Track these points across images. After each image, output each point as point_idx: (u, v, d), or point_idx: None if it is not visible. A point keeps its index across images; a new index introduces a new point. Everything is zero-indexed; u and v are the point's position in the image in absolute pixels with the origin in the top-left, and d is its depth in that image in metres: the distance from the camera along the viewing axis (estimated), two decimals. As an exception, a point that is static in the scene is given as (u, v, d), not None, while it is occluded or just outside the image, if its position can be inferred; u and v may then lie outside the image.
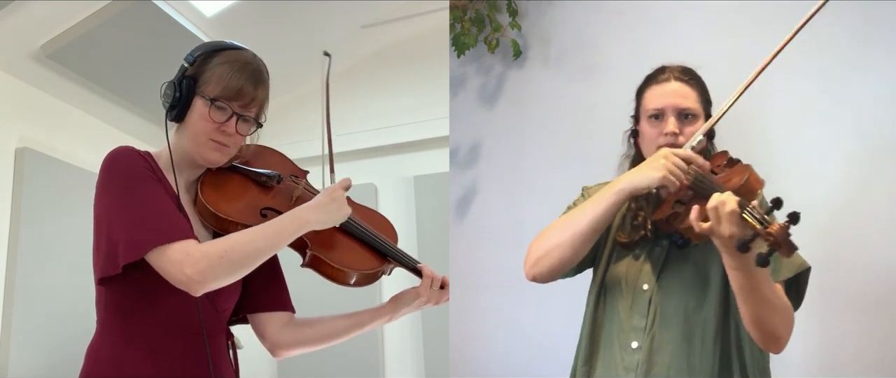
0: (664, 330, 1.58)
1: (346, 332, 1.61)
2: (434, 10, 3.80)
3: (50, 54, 3.32)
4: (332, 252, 1.51)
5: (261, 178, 1.53)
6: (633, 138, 1.75)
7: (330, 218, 1.47)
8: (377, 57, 4.27)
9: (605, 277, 1.69)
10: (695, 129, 1.62)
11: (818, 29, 1.61)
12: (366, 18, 3.99)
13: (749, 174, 1.45)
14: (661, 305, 1.60)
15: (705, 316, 1.57)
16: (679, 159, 1.51)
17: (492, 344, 2.89)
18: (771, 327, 1.47)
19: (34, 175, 3.33)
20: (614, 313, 1.65)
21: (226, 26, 3.60)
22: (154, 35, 3.33)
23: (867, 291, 2.24)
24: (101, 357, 1.41)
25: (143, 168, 1.40)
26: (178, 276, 1.31)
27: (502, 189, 2.96)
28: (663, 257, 1.63)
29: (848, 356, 2.25)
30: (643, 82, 1.73)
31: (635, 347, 1.59)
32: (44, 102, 3.52)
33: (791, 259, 1.52)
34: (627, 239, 1.66)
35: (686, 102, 1.64)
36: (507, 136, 2.96)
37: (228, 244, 1.35)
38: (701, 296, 1.58)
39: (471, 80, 3.06)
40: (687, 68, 1.70)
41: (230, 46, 1.49)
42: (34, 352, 3.18)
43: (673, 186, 1.50)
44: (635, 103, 1.73)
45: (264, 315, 1.59)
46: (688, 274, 1.60)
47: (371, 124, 4.17)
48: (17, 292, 3.17)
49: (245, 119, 1.46)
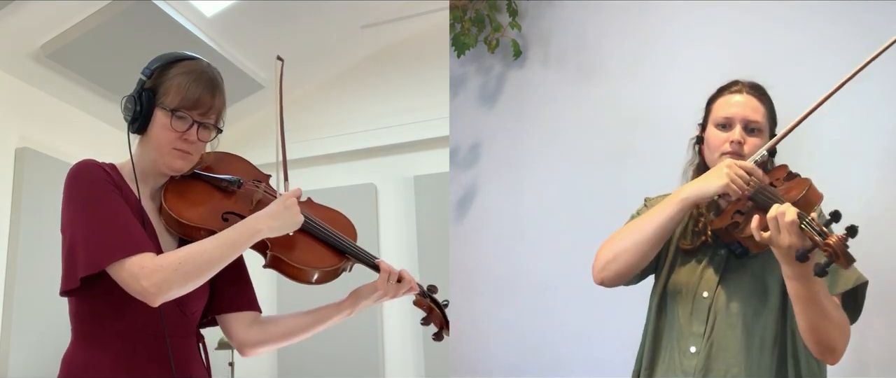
0: (723, 336, 1.62)
1: (308, 327, 1.64)
2: (434, 10, 3.80)
3: (50, 54, 3.32)
4: (291, 252, 1.55)
5: (222, 184, 1.58)
6: (697, 146, 1.79)
7: (282, 225, 1.51)
8: (377, 57, 4.27)
9: (667, 284, 1.73)
10: (759, 143, 1.66)
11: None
12: (366, 18, 3.99)
13: (808, 188, 1.50)
14: (721, 312, 1.64)
15: (764, 324, 1.60)
16: (742, 170, 1.55)
17: (492, 344, 2.89)
18: (827, 338, 1.50)
19: (34, 175, 3.33)
20: (675, 319, 1.69)
21: (226, 26, 3.60)
22: (154, 35, 3.33)
23: None
24: (73, 364, 1.46)
25: (104, 181, 1.45)
26: (135, 288, 1.36)
27: (502, 189, 2.96)
28: (723, 266, 1.67)
29: (873, 357, 2.25)
30: (715, 92, 1.77)
31: (693, 352, 1.64)
32: (44, 102, 3.53)
33: (848, 272, 1.57)
34: (689, 245, 1.71)
35: (754, 115, 1.68)
36: (507, 136, 2.96)
37: (182, 256, 1.40)
38: (759, 304, 1.62)
39: (471, 80, 3.06)
40: (758, 85, 1.75)
41: (185, 57, 1.54)
42: (34, 352, 3.18)
43: (735, 195, 1.55)
44: (704, 112, 1.78)
45: (231, 315, 1.63)
46: (747, 283, 1.64)
47: (371, 124, 4.18)
48: (17, 292, 3.18)
49: (205, 126, 1.52)
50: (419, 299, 1.71)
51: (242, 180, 1.60)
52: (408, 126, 4.07)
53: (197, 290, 1.48)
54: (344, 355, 3.96)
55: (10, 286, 3.19)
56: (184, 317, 1.52)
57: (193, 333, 1.57)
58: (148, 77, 1.51)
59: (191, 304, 1.53)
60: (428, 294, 1.73)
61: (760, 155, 1.62)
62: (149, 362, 1.45)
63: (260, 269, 1.60)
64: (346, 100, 4.32)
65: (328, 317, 1.65)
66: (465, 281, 2.97)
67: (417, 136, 4.03)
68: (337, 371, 3.95)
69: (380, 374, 3.96)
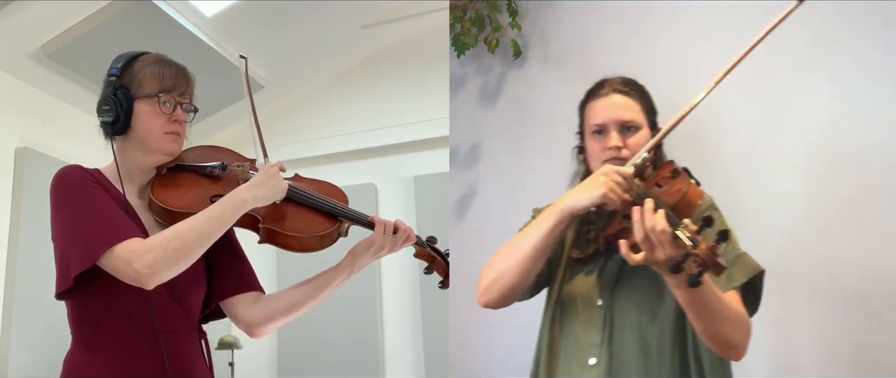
0: (620, 344, 1.56)
1: (311, 296, 1.62)
2: (434, 10, 3.80)
3: (50, 54, 3.32)
4: (283, 222, 1.56)
5: (206, 170, 1.60)
6: (581, 155, 1.72)
7: (267, 193, 1.51)
8: (377, 57, 4.27)
9: (560, 295, 1.67)
10: (638, 141, 1.61)
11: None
12: (366, 18, 3.99)
13: (688, 188, 1.44)
14: (616, 320, 1.58)
15: (660, 326, 1.55)
16: (619, 176, 1.49)
17: (492, 344, 2.88)
18: (725, 337, 1.45)
19: (34, 175, 3.33)
20: (571, 331, 1.63)
21: (226, 26, 3.60)
22: (154, 35, 3.33)
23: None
24: (73, 365, 1.47)
25: (87, 181, 1.47)
26: (128, 272, 1.36)
27: (502, 189, 2.96)
28: (617, 271, 1.61)
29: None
30: (584, 97, 1.71)
31: (593, 364, 1.57)
32: (44, 102, 3.53)
33: (745, 263, 1.53)
34: (581, 254, 1.65)
35: (627, 114, 1.62)
36: (507, 136, 2.96)
37: (171, 233, 1.40)
38: (655, 306, 1.56)
39: (471, 80, 3.06)
40: (628, 79, 1.68)
41: (143, 52, 1.58)
42: (34, 352, 3.18)
43: (614, 204, 1.48)
44: (578, 119, 1.71)
45: (233, 298, 1.62)
46: (641, 286, 1.58)
47: (371, 124, 4.18)
48: (17, 292, 3.18)
49: (185, 107, 1.56)
50: (420, 250, 1.71)
51: (227, 163, 1.61)
52: (408, 126, 4.07)
53: (192, 280, 1.49)
54: (344, 354, 3.97)
55: (9, 286, 3.19)
56: (183, 311, 1.51)
57: (194, 328, 1.56)
58: (117, 76, 1.53)
59: (188, 296, 1.52)
60: (428, 244, 1.72)
61: (641, 157, 1.55)
62: (150, 362, 1.45)
63: (257, 249, 1.61)
64: (346, 100, 4.32)
65: (329, 281, 1.62)
66: (465, 281, 2.96)
67: (417, 136, 4.03)
68: (337, 370, 3.95)
69: (380, 374, 3.96)
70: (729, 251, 1.54)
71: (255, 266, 1.68)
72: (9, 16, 3.09)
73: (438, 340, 3.64)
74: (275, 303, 1.63)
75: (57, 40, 3.30)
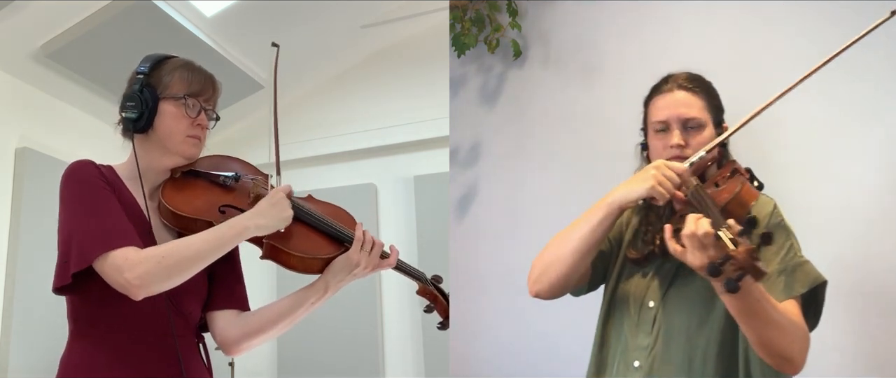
0: (665, 349, 1.53)
1: (287, 313, 1.59)
2: (434, 10, 3.80)
3: (50, 54, 3.32)
4: (289, 241, 1.55)
5: (219, 180, 1.59)
6: (644, 152, 1.68)
7: (270, 223, 1.50)
8: (377, 57, 4.27)
9: (615, 294, 1.65)
10: (703, 138, 1.57)
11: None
12: (366, 18, 3.99)
13: (741, 188, 1.41)
14: (666, 324, 1.54)
15: (708, 336, 1.50)
16: (671, 171, 1.46)
17: (492, 343, 2.89)
18: (779, 349, 1.38)
19: (34, 175, 3.33)
20: (621, 331, 1.61)
21: (226, 26, 3.60)
22: (154, 35, 3.33)
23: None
24: (71, 362, 1.46)
25: (95, 179, 1.46)
26: (118, 280, 1.35)
27: (502, 189, 2.96)
28: (672, 274, 1.58)
29: (875, 359, 2.24)
30: (649, 93, 1.66)
31: (636, 366, 1.55)
32: (44, 102, 3.53)
33: (806, 272, 1.47)
34: (637, 255, 1.62)
35: (690, 112, 1.58)
36: (507, 136, 2.96)
37: (167, 250, 1.40)
38: (704, 314, 1.52)
39: (471, 80, 3.06)
40: (693, 75, 1.64)
41: (172, 55, 1.59)
42: (34, 352, 3.18)
43: (662, 198, 1.46)
44: (643, 115, 1.67)
45: (216, 313, 1.61)
46: (695, 291, 1.53)
47: (371, 124, 4.18)
48: (17, 292, 3.18)
49: (209, 113, 1.56)
50: (423, 288, 1.70)
51: (240, 174, 1.61)
52: (408, 126, 4.07)
53: (192, 288, 1.48)
54: (344, 355, 3.96)
55: (9, 286, 3.19)
56: (179, 318, 1.50)
57: (191, 332, 1.55)
58: (145, 74, 1.52)
59: (186, 304, 1.52)
60: (432, 283, 1.71)
61: (699, 155, 1.52)
62: (146, 361, 1.45)
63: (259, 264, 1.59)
64: (346, 100, 4.32)
65: (304, 299, 1.59)
66: (465, 281, 2.97)
67: (417, 136, 4.03)
68: (337, 371, 3.95)
69: (380, 374, 3.96)
70: (788, 258, 1.49)
71: (257, 283, 1.66)
72: (9, 16, 3.09)
73: (438, 340, 3.64)
74: (250, 319, 1.60)
75: (57, 40, 3.30)
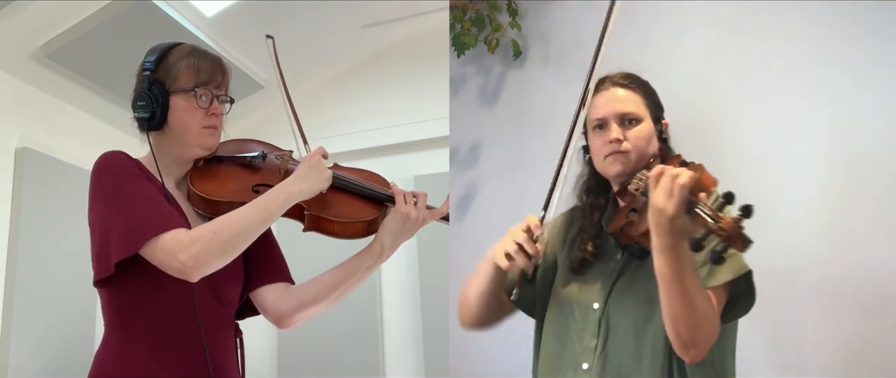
0: (614, 349, 1.53)
1: (342, 280, 1.59)
2: (434, 10, 3.80)
3: (50, 54, 3.32)
4: (329, 209, 1.55)
5: (246, 161, 1.59)
6: (587, 155, 1.69)
7: (313, 185, 1.49)
8: (377, 57, 4.27)
9: (557, 300, 1.65)
10: (639, 133, 1.57)
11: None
12: (366, 18, 3.99)
13: (701, 173, 1.40)
14: (612, 324, 1.54)
15: (654, 331, 1.49)
16: (518, 230, 1.56)
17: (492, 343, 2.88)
18: (686, 329, 1.36)
19: (34, 175, 3.33)
20: (567, 335, 1.60)
21: (226, 26, 3.60)
22: (154, 35, 3.30)
23: (864, 291, 2.24)
24: (108, 356, 1.43)
25: (130, 167, 1.44)
26: (172, 263, 1.33)
27: (502, 189, 2.96)
28: (616, 274, 1.58)
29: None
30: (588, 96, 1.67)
31: (585, 369, 1.54)
32: (44, 102, 3.52)
33: (732, 262, 1.46)
34: (572, 264, 1.64)
35: (627, 106, 1.60)
36: (507, 136, 2.96)
37: (217, 225, 1.38)
38: (649, 311, 1.50)
39: (471, 80, 3.06)
40: (629, 74, 1.66)
41: (176, 43, 1.56)
42: (34, 352, 3.18)
43: (514, 269, 1.55)
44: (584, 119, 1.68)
45: (263, 289, 1.60)
46: (639, 288, 1.53)
47: (371, 124, 4.17)
48: (17, 292, 3.17)
49: (222, 99, 1.54)
50: None
51: (267, 152, 1.60)
52: (408, 126, 4.07)
53: (230, 274, 1.46)
54: (344, 355, 3.96)
55: (9, 286, 3.19)
56: (219, 306, 1.48)
57: (230, 326, 1.53)
58: (151, 70, 1.50)
59: (225, 289, 1.50)
60: None
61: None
62: (183, 356, 1.42)
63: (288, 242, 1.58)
64: (346, 100, 4.32)
65: (360, 265, 1.59)
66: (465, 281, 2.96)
67: (417, 136, 4.03)
68: (337, 370, 3.94)
69: (380, 374, 3.96)
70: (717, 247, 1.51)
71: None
72: (9, 16, 3.08)
73: (438, 340, 3.64)
74: (304, 290, 1.59)
75: (57, 40, 3.29)
